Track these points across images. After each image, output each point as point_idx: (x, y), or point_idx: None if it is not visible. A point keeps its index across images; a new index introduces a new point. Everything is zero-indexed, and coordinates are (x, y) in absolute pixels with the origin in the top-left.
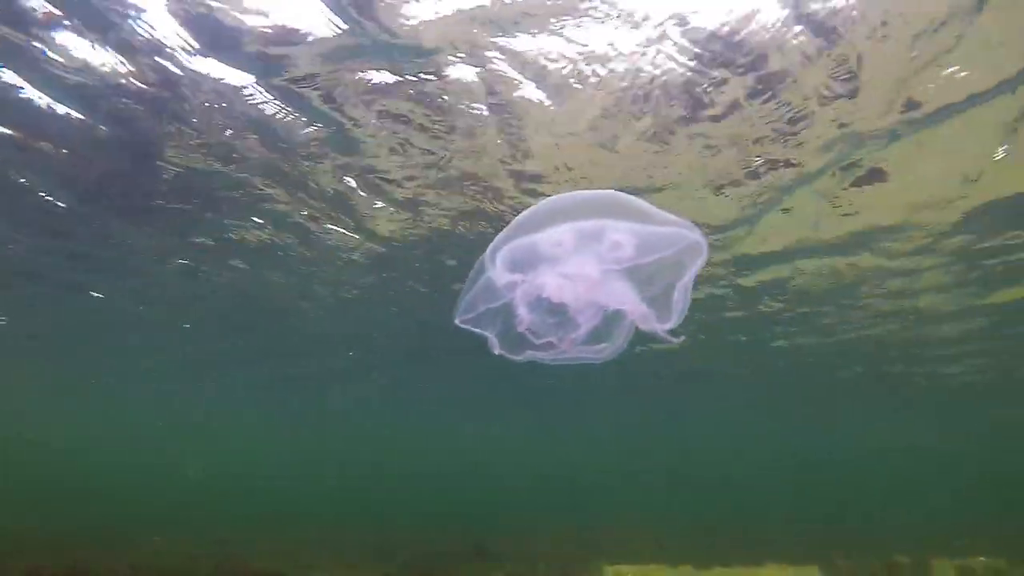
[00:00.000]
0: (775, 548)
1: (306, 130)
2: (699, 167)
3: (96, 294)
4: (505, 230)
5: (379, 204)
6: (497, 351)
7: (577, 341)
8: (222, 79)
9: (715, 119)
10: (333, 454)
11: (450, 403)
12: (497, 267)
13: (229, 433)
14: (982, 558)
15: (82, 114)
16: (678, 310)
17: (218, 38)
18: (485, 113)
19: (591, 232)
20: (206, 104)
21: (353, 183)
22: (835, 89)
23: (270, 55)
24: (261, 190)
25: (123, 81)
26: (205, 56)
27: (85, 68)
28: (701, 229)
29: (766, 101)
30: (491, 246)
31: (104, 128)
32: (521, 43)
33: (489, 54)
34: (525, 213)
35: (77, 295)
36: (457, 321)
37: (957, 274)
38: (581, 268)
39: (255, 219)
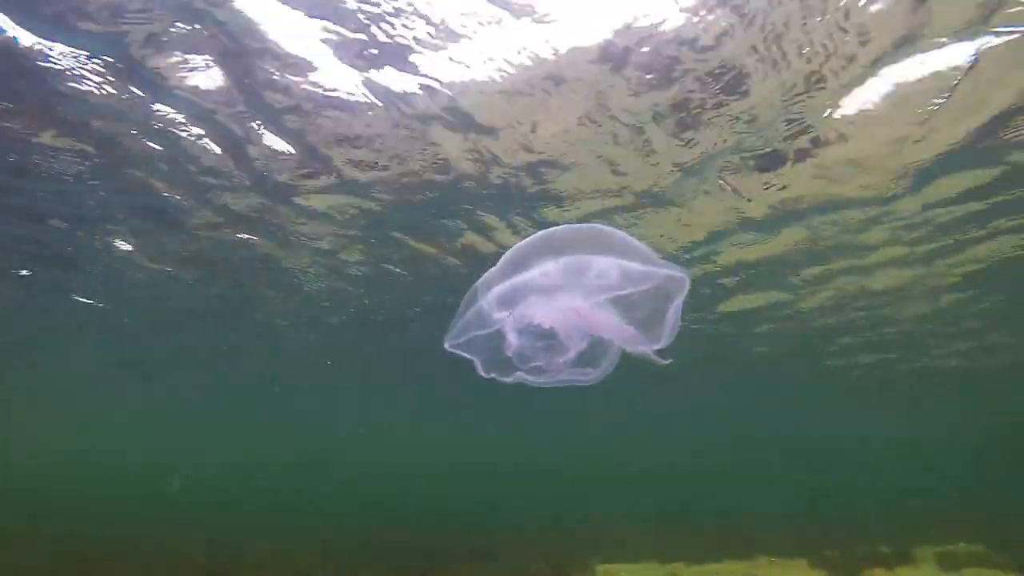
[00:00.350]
0: (765, 543)
1: None
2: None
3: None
4: (497, 265)
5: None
6: (485, 374)
7: (566, 365)
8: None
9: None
10: (325, 455)
11: (441, 402)
12: (488, 301)
13: (219, 435)
14: (963, 544)
15: None
16: (667, 334)
17: None
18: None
19: (578, 265)
20: None
21: None
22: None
23: None
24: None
25: None
26: None
27: None
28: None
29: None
30: (482, 279)
31: None
32: None
33: None
34: (515, 248)
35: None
36: (447, 346)
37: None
38: (570, 299)
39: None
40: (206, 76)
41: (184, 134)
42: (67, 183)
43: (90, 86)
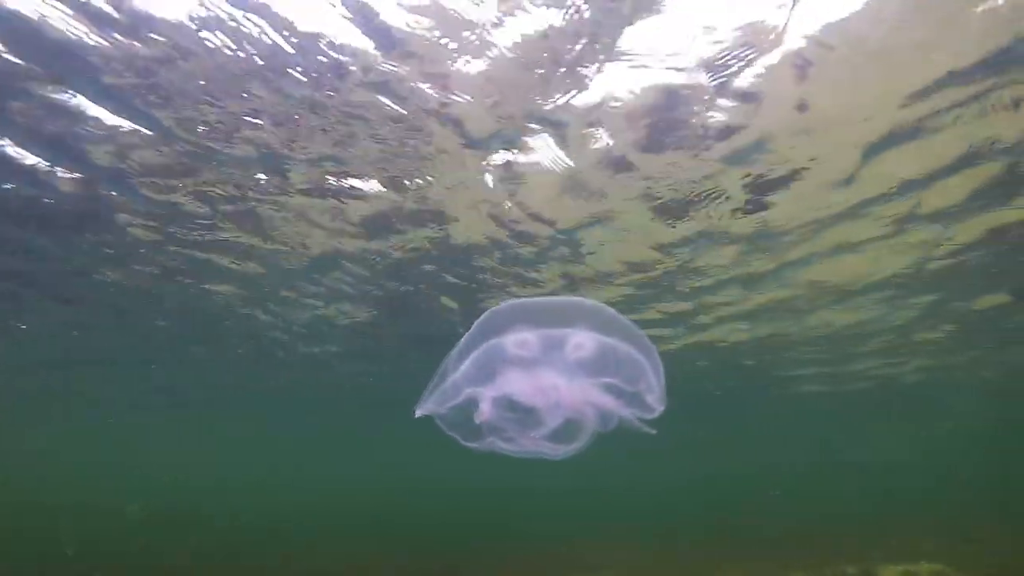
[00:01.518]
0: (733, 562)
1: None
2: None
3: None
4: (469, 334)
5: None
6: (455, 438)
7: (539, 439)
8: None
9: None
10: (294, 477)
11: (404, 420)
12: (463, 372)
13: (181, 457)
14: (924, 563)
15: None
16: (656, 403)
17: None
18: None
19: (556, 338)
20: None
21: None
22: None
23: None
24: None
25: None
26: None
27: None
28: None
29: None
30: (456, 349)
31: None
32: None
33: None
34: (487, 315)
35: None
36: (417, 413)
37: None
38: (549, 376)
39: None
40: None
41: None
42: None
43: None
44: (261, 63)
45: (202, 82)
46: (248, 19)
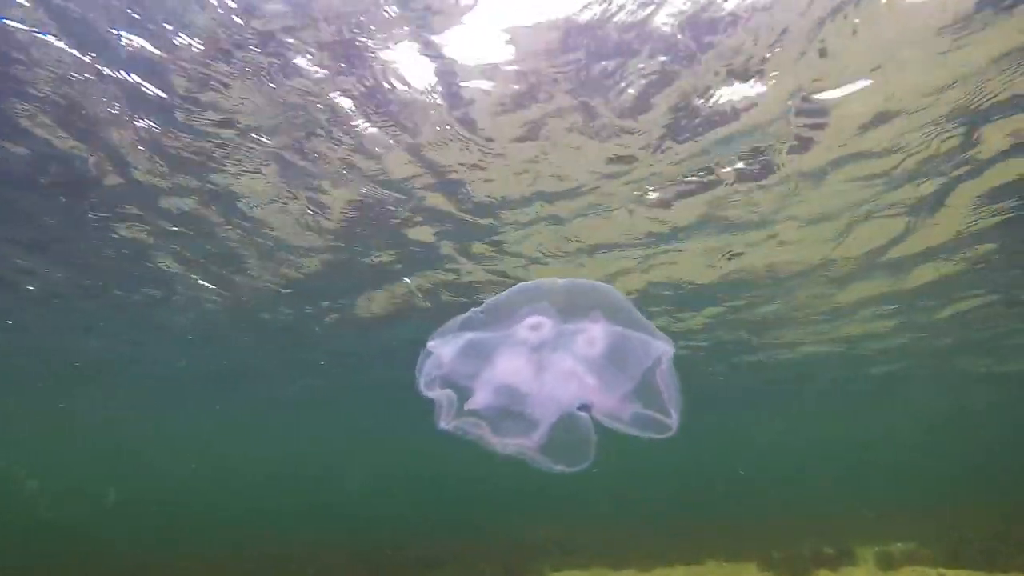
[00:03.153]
0: (713, 547)
1: None
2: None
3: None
4: (479, 308)
5: None
6: (443, 425)
7: (533, 441)
8: None
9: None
10: (263, 464)
11: (383, 410)
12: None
13: (155, 445)
14: (899, 544)
15: None
16: (671, 404)
17: None
18: None
19: (566, 321)
20: None
21: None
22: None
23: None
24: None
25: None
26: None
27: None
28: None
29: None
30: (462, 319)
31: None
32: None
33: None
34: (504, 295)
35: None
36: (421, 386)
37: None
38: (552, 359)
39: None
40: None
41: None
42: None
43: None
44: None
45: None
46: None
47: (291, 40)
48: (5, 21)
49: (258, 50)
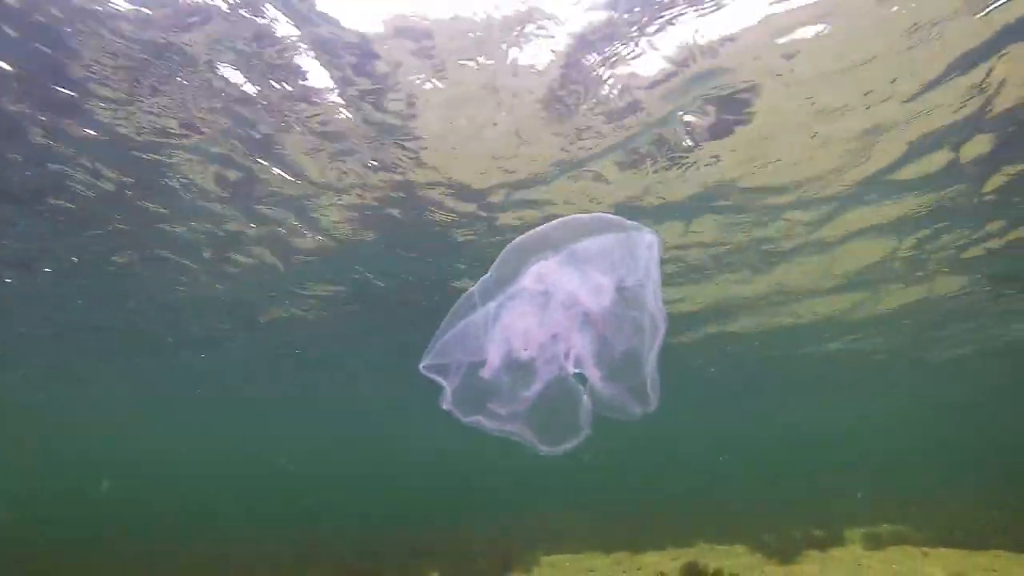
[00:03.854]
0: (704, 530)
1: None
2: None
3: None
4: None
5: None
6: (447, 406)
7: (530, 399)
8: None
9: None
10: (261, 455)
11: (376, 399)
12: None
13: (139, 435)
14: (886, 525)
15: None
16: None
17: None
18: None
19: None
20: None
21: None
22: None
23: None
24: None
25: None
26: None
27: None
28: None
29: None
30: (479, 287)
31: None
32: None
33: None
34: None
35: None
36: (423, 365)
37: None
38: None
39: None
40: None
41: None
42: None
43: None
44: None
45: None
46: None
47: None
48: None
49: None
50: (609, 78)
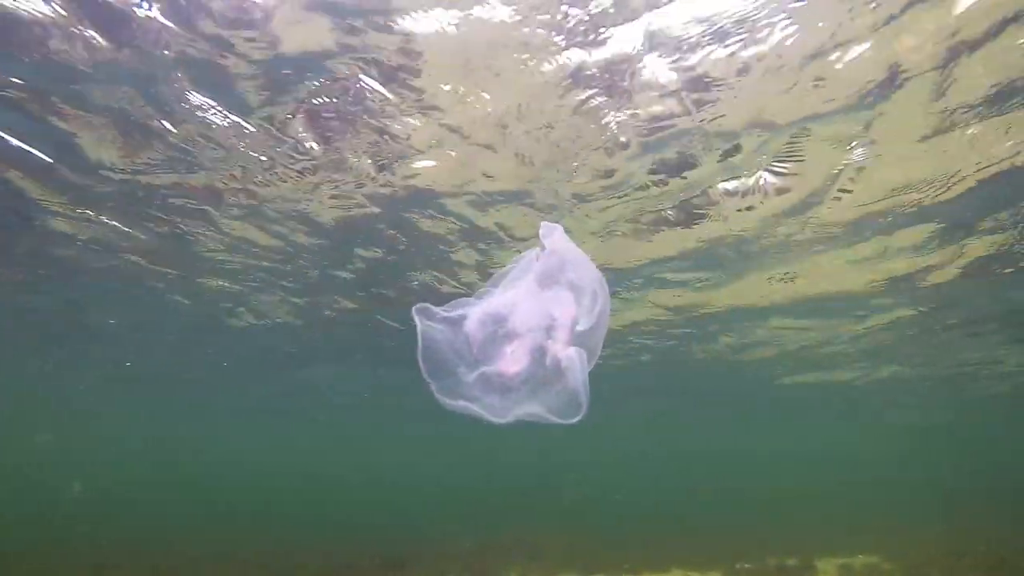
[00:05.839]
0: (679, 555)
1: None
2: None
3: None
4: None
5: None
6: (435, 390)
7: (515, 366)
8: None
9: None
10: (230, 463)
11: (355, 409)
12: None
13: (112, 444)
14: (861, 556)
15: None
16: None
17: None
18: None
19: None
20: None
21: None
22: None
23: None
24: None
25: None
26: None
27: None
28: None
29: None
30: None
31: None
32: None
33: None
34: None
35: None
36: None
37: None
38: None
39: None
40: None
41: None
42: None
43: None
44: None
45: None
46: None
47: None
48: None
49: None
50: None
